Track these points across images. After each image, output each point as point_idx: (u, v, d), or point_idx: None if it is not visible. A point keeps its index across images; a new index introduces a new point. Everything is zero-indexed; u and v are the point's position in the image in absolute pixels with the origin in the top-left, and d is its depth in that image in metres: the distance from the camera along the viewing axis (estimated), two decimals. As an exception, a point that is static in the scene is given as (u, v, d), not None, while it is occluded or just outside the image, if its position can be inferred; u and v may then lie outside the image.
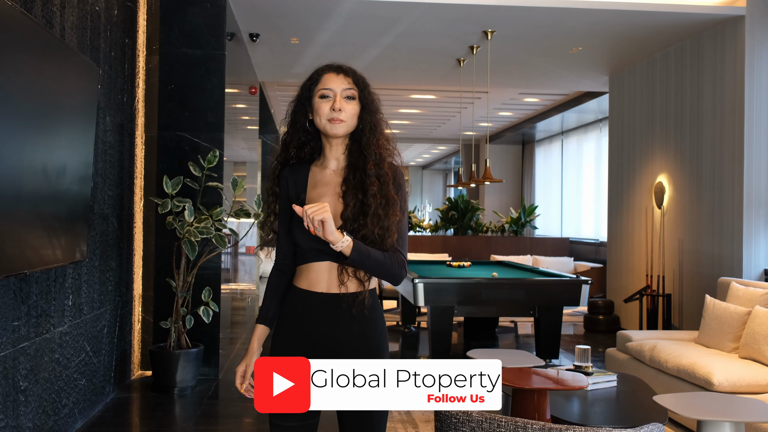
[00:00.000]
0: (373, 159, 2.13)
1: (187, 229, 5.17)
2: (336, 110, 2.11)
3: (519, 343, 7.86)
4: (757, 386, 4.34)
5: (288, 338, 2.18)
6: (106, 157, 4.84)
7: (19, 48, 3.10)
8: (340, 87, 2.14)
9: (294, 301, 2.18)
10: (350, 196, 2.11)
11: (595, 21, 6.68)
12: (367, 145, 2.14)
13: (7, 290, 3.32)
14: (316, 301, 2.13)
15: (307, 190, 2.19)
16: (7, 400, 3.37)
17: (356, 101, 2.16)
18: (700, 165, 6.94)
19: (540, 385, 3.36)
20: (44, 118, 3.46)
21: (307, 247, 2.13)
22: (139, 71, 5.71)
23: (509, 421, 1.93)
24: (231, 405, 5.19)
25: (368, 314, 2.14)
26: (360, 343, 2.13)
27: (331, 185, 2.17)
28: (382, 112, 2.23)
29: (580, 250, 12.43)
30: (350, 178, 2.14)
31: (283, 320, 2.21)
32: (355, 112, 2.15)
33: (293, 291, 2.20)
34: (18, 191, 3.20)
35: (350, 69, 2.19)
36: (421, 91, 11.21)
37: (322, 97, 2.14)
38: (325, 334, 2.13)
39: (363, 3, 6.27)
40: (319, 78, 2.17)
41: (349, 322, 2.12)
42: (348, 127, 2.15)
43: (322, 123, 2.14)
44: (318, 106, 2.14)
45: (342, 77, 2.16)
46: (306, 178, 2.21)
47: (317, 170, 2.21)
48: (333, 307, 2.12)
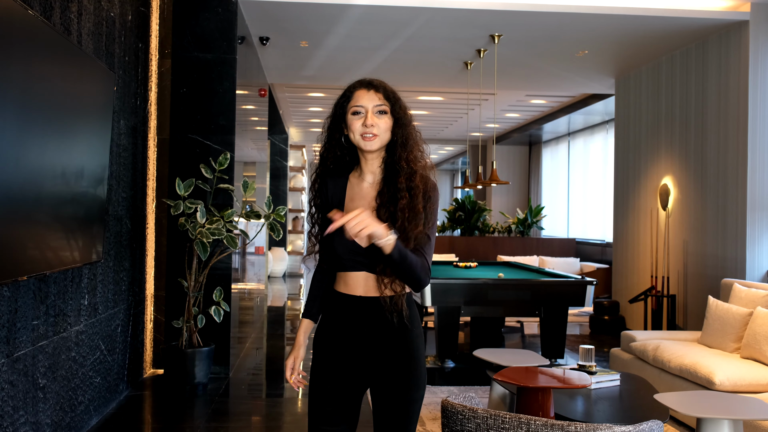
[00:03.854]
0: (404, 173, 2.19)
1: (199, 230, 5.27)
2: (368, 126, 2.18)
3: (525, 343, 7.93)
4: (757, 386, 4.41)
5: (328, 338, 2.27)
6: (120, 159, 4.95)
7: (40, 55, 3.21)
8: (371, 103, 2.20)
9: (334, 304, 2.28)
10: (383, 210, 2.18)
11: (600, 25, 6.75)
12: (399, 159, 2.21)
13: (27, 290, 3.42)
14: (356, 304, 2.22)
15: (345, 203, 2.27)
16: (27, 397, 3.47)
17: (388, 115, 2.22)
18: (705, 167, 7.00)
19: (544, 384, 3.44)
20: (63, 123, 3.56)
21: (345, 257, 2.21)
22: (151, 75, 5.81)
23: (513, 417, 2.01)
24: (242, 403, 5.29)
25: (406, 316, 2.22)
26: (399, 343, 2.22)
27: (367, 199, 2.25)
28: (414, 124, 2.28)
29: (586, 250, 12.48)
30: (384, 191, 2.21)
31: (324, 321, 2.32)
32: (387, 126, 2.21)
33: (333, 294, 2.29)
34: (39, 194, 3.30)
35: (381, 84, 2.25)
36: (428, 93, 11.28)
37: (354, 114, 2.21)
38: (365, 334, 2.22)
39: (372, 7, 6.35)
40: (351, 95, 2.24)
41: (387, 323, 2.21)
42: (381, 142, 2.21)
43: (356, 139, 2.21)
44: (351, 122, 2.22)
45: (372, 93, 2.22)
46: (344, 189, 2.29)
47: (355, 182, 2.30)
48: (372, 309, 2.21)
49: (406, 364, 2.21)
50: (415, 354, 2.23)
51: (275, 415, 5.03)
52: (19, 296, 3.32)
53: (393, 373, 2.21)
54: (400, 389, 2.21)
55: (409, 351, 2.22)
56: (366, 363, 2.23)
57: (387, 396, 2.22)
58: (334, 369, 2.25)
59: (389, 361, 2.21)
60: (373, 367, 2.23)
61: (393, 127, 2.23)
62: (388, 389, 2.22)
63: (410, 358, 2.22)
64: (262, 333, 8.45)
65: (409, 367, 2.22)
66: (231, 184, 5.81)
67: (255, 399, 5.43)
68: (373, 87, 2.23)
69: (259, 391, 5.70)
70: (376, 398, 2.25)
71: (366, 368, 2.23)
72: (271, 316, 9.94)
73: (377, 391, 2.24)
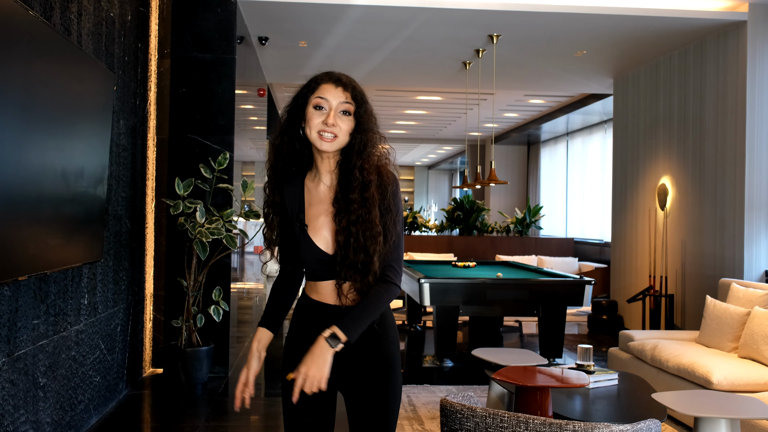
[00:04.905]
0: (357, 183, 2.04)
1: (198, 230, 5.28)
2: (329, 125, 2.02)
3: (523, 343, 7.95)
4: (755, 385, 4.43)
5: (301, 346, 2.10)
6: (119, 159, 4.96)
7: (40, 56, 3.22)
8: (337, 100, 2.04)
9: (306, 311, 2.17)
10: (339, 218, 2.05)
11: (599, 26, 6.77)
12: (353, 167, 2.05)
13: (28, 290, 3.44)
14: (328, 312, 2.10)
15: (305, 209, 2.12)
16: (27, 396, 3.48)
17: (351, 117, 2.06)
18: (703, 167, 7.02)
19: (542, 383, 3.46)
20: (63, 123, 3.57)
21: (313, 266, 2.11)
22: (151, 75, 5.82)
23: (512, 416, 2.02)
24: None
25: (380, 323, 2.11)
26: (373, 351, 2.11)
27: (326, 203, 2.11)
28: (378, 127, 2.12)
29: (584, 250, 12.50)
30: (339, 198, 2.07)
31: (295, 327, 2.19)
32: (348, 128, 2.05)
33: (305, 300, 2.17)
34: (39, 194, 3.31)
35: (350, 82, 2.08)
36: (427, 93, 11.29)
37: (316, 108, 2.04)
38: None
39: (371, 8, 6.37)
40: (316, 86, 2.06)
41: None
42: (339, 144, 2.05)
43: (312, 135, 2.04)
44: (311, 116, 2.04)
45: (341, 90, 2.05)
46: (302, 194, 2.14)
47: (311, 185, 2.14)
48: (341, 316, 2.05)
49: (381, 372, 2.11)
50: (391, 362, 2.13)
51: (274, 414, 5.04)
52: (19, 295, 3.33)
53: (368, 384, 2.11)
54: (376, 401, 2.11)
55: (384, 359, 2.12)
56: (338, 371, 2.09)
57: (362, 408, 2.12)
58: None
59: (363, 371, 2.11)
60: (345, 376, 2.12)
61: (353, 131, 2.06)
62: (364, 401, 2.11)
63: (385, 366, 2.12)
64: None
65: (384, 377, 2.11)
66: (230, 184, 5.82)
67: (254, 398, 5.42)
68: (341, 84, 2.06)
69: (258, 391, 5.71)
70: (351, 410, 2.15)
71: (338, 376, 2.11)
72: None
73: (352, 403, 2.14)
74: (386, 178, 2.09)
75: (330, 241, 2.09)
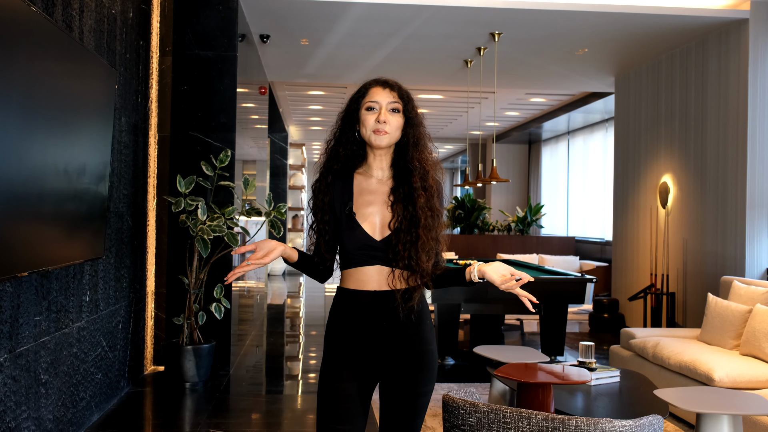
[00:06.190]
0: (417, 172, 2.25)
1: (200, 227, 5.28)
2: (381, 122, 2.23)
3: (525, 341, 7.94)
4: (757, 382, 4.43)
5: (340, 336, 2.25)
6: (121, 156, 4.96)
7: (42, 52, 3.22)
8: (386, 100, 2.25)
9: (344, 301, 2.27)
10: (399, 206, 2.23)
11: (600, 24, 6.76)
12: (411, 158, 2.27)
13: (30, 286, 3.44)
14: (369, 298, 2.22)
15: (353, 197, 2.28)
16: (29, 392, 3.48)
17: (400, 114, 2.27)
18: (704, 165, 7.02)
19: (544, 380, 3.46)
20: (65, 120, 3.57)
21: (357, 252, 2.23)
22: (152, 72, 5.82)
23: (514, 411, 2.02)
24: (242, 400, 5.30)
25: (418, 308, 2.25)
26: (414, 333, 2.24)
27: (379, 194, 2.28)
28: (425, 126, 2.35)
29: (585, 249, 12.50)
30: (398, 189, 2.26)
31: (334, 320, 2.29)
32: (399, 124, 2.27)
33: (342, 293, 2.28)
34: (41, 191, 3.31)
35: (396, 84, 2.31)
36: (428, 91, 11.29)
37: (368, 110, 2.26)
38: (379, 328, 2.22)
39: (373, 5, 6.36)
40: (366, 91, 2.28)
41: (400, 315, 2.21)
42: (391, 139, 2.26)
43: (368, 134, 2.25)
44: (364, 117, 2.26)
45: (388, 91, 2.27)
46: (351, 185, 2.30)
47: (362, 178, 2.32)
48: (386, 302, 2.21)
49: (419, 356, 2.24)
50: (428, 346, 2.26)
51: (275, 411, 5.04)
52: (21, 292, 3.33)
53: (405, 365, 2.23)
54: (410, 382, 2.23)
55: (423, 343, 2.25)
56: (378, 357, 2.23)
57: (397, 389, 2.24)
58: (346, 367, 2.23)
59: (402, 353, 2.23)
60: (385, 361, 2.24)
61: (404, 126, 2.28)
62: (399, 382, 2.24)
63: (423, 350, 2.25)
64: (262, 331, 8.47)
65: (422, 360, 2.24)
66: (232, 182, 5.82)
67: (255, 396, 5.44)
68: (388, 86, 2.29)
69: (259, 389, 5.71)
70: (385, 391, 2.27)
71: (378, 362, 2.24)
72: (270, 314, 9.95)
73: (387, 384, 2.26)
74: (440, 185, 2.33)
75: (377, 228, 2.24)
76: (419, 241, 2.19)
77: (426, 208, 2.23)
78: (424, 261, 2.20)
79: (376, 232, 2.23)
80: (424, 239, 2.20)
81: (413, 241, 2.19)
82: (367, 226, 2.23)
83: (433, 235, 2.22)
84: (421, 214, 2.21)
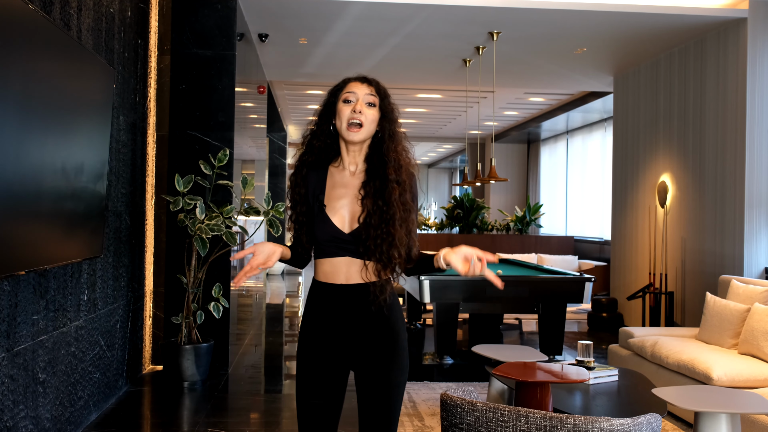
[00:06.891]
0: (392, 165, 2.28)
1: (198, 226, 5.28)
2: (356, 112, 2.25)
3: (523, 340, 7.95)
4: (755, 381, 4.43)
5: (313, 327, 2.30)
6: (119, 155, 4.95)
7: (40, 50, 3.21)
8: (363, 92, 2.29)
9: (316, 293, 2.32)
10: (370, 200, 2.25)
11: (599, 23, 6.76)
12: (387, 150, 2.29)
13: (27, 285, 3.43)
14: (337, 292, 2.26)
15: (325, 191, 2.31)
16: (27, 391, 3.48)
17: (376, 108, 2.30)
18: (703, 165, 7.02)
19: (542, 379, 3.46)
20: (63, 119, 3.57)
21: (327, 244, 2.27)
22: (151, 71, 5.81)
23: (512, 410, 2.02)
24: (241, 399, 5.30)
25: (388, 300, 2.28)
26: (382, 329, 2.27)
27: (350, 187, 2.31)
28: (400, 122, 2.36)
29: (584, 248, 12.50)
30: (370, 183, 2.28)
31: (308, 311, 2.34)
32: (374, 118, 2.29)
33: (315, 287, 2.33)
34: (39, 189, 3.31)
35: (374, 80, 2.35)
36: (427, 91, 11.29)
37: (345, 102, 2.28)
38: (348, 320, 2.26)
39: (371, 4, 6.36)
40: (344, 85, 2.32)
41: (369, 306, 2.25)
42: (366, 133, 2.28)
43: (343, 127, 2.27)
44: (341, 109, 2.28)
45: (366, 86, 2.31)
46: (324, 178, 2.33)
47: (335, 171, 2.34)
48: (354, 295, 2.25)
49: (389, 349, 2.27)
50: (398, 338, 2.29)
51: (274, 411, 5.04)
52: (19, 291, 3.33)
53: (376, 358, 2.26)
54: (383, 373, 2.26)
55: (392, 335, 2.28)
56: (349, 348, 2.27)
57: (370, 381, 2.26)
58: (319, 354, 2.27)
59: (372, 346, 2.26)
60: (356, 353, 2.27)
61: (380, 121, 2.31)
62: (371, 374, 2.26)
63: (393, 343, 2.28)
64: (260, 330, 8.46)
65: (392, 352, 2.27)
66: (230, 181, 5.81)
67: (254, 395, 5.44)
68: (366, 80, 2.33)
69: (258, 388, 5.71)
70: (360, 385, 2.30)
71: (349, 354, 2.27)
72: (269, 314, 9.95)
73: (361, 377, 2.28)
74: (413, 179, 2.36)
75: (347, 221, 2.26)
76: (390, 237, 2.21)
77: (399, 201, 2.25)
78: (396, 256, 2.23)
79: (345, 225, 2.26)
80: (395, 234, 2.22)
81: (383, 236, 2.21)
82: (336, 219, 2.26)
83: (405, 230, 2.26)
84: (395, 208, 2.24)
